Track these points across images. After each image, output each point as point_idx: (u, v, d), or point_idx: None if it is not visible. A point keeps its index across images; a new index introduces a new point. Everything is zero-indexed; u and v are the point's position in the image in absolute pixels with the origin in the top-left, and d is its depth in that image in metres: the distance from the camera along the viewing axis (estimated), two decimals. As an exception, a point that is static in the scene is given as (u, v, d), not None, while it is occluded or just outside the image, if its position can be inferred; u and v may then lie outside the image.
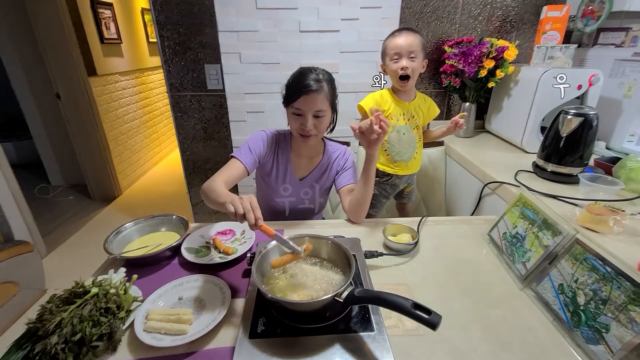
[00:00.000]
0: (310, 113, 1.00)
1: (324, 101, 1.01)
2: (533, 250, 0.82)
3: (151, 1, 1.63)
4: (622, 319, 0.60)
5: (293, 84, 1.01)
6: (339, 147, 1.23)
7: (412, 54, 1.19)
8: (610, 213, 0.85)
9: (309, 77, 0.98)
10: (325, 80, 1.01)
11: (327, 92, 1.01)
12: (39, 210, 2.59)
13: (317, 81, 0.98)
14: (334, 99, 1.06)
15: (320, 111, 1.01)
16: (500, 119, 1.74)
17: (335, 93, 1.06)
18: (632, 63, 1.37)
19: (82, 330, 0.61)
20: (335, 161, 1.20)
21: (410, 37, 1.19)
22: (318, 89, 0.98)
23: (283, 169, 1.16)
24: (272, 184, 1.18)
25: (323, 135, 1.16)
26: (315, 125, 1.03)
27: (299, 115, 1.02)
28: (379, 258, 0.89)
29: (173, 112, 1.85)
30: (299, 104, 1.00)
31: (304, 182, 1.19)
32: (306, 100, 0.99)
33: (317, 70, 1.02)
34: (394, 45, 1.21)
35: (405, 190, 1.49)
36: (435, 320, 0.51)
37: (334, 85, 1.05)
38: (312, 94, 0.97)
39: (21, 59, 2.78)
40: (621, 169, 1.10)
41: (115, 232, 0.95)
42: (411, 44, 1.18)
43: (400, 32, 1.21)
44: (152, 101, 3.95)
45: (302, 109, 1.00)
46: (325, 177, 1.20)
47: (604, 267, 0.66)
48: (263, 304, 0.70)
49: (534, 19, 1.76)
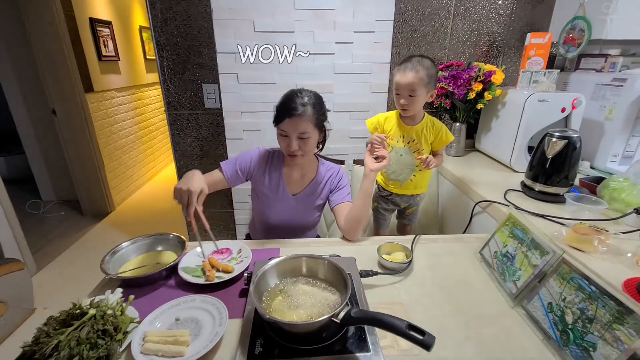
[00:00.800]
0: (294, 134, 1.06)
1: (307, 124, 1.06)
2: (523, 269, 0.85)
3: (151, 23, 1.68)
4: (607, 338, 0.62)
5: (280, 106, 1.07)
6: (332, 166, 1.26)
7: (412, 92, 1.20)
8: (594, 233, 0.89)
9: (295, 101, 1.04)
10: (311, 104, 1.06)
11: (311, 115, 1.06)
12: (29, 226, 2.56)
13: (303, 105, 1.04)
14: (321, 121, 1.11)
15: (304, 133, 1.06)
16: (489, 138, 1.79)
17: (322, 115, 1.11)
18: (612, 87, 1.45)
19: (79, 353, 0.61)
20: (329, 179, 1.23)
21: (410, 75, 1.18)
22: (302, 113, 1.03)
23: (275, 185, 1.19)
24: (266, 200, 1.21)
25: (314, 153, 1.21)
26: (300, 146, 1.08)
27: (285, 136, 1.08)
28: (374, 277, 0.91)
29: (170, 130, 1.87)
30: (284, 125, 1.06)
31: (297, 198, 1.21)
32: (290, 123, 1.04)
33: (303, 94, 1.07)
34: (396, 81, 1.23)
35: (406, 210, 1.51)
36: (429, 341, 0.53)
37: (321, 108, 1.10)
38: (295, 117, 1.03)
39: (17, 75, 2.80)
40: (604, 189, 1.14)
41: (111, 252, 0.95)
42: (410, 84, 1.19)
43: (404, 68, 1.20)
44: (148, 117, 3.97)
45: (286, 130, 1.06)
46: (318, 194, 1.23)
47: (589, 286, 0.69)
48: (261, 324, 0.71)
49: (519, 45, 1.85)
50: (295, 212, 1.23)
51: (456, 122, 1.82)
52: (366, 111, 1.88)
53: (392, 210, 1.50)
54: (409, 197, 1.46)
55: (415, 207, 1.50)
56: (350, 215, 1.11)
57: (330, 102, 1.87)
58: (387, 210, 1.49)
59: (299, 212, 1.23)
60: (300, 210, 1.23)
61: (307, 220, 1.26)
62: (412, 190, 1.42)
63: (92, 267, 0.87)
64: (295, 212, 1.23)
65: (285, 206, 1.21)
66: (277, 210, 1.22)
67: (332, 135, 1.98)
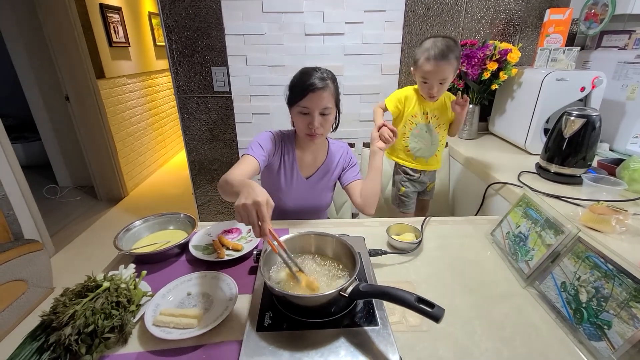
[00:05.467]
0: (317, 111, 1.02)
1: (330, 99, 1.03)
2: (536, 249, 0.83)
3: (160, 5, 1.67)
4: (623, 316, 0.60)
5: (298, 83, 1.03)
6: (341, 145, 1.25)
7: (443, 81, 1.19)
8: (613, 213, 0.86)
9: (314, 76, 1.00)
10: (330, 79, 1.03)
11: (333, 90, 1.03)
12: (47, 210, 2.63)
13: (322, 79, 1.00)
14: (338, 98, 1.09)
15: (326, 108, 1.03)
16: (503, 120, 1.74)
17: (338, 92, 1.08)
18: (635, 65, 1.38)
19: (94, 322, 0.63)
20: (340, 159, 1.22)
21: (442, 67, 1.14)
22: (324, 86, 1.00)
23: (290, 168, 1.18)
24: (280, 184, 1.19)
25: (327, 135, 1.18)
26: (322, 124, 1.04)
27: (305, 114, 1.03)
28: (383, 256, 0.90)
29: (180, 114, 1.88)
30: (305, 102, 1.01)
31: (310, 181, 1.21)
32: (313, 98, 1.00)
33: (321, 70, 1.04)
34: (424, 71, 1.18)
35: (428, 187, 1.51)
36: (439, 313, 0.53)
37: (337, 85, 1.07)
38: (319, 91, 0.99)
39: (31, 62, 2.84)
40: (624, 170, 1.10)
41: (124, 230, 0.97)
42: (442, 74, 1.16)
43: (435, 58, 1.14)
44: (159, 103, 4.00)
45: (309, 106, 1.02)
46: (330, 175, 1.22)
47: (605, 264, 0.67)
48: (270, 299, 0.71)
49: (537, 22, 1.77)
50: (309, 195, 1.22)
51: (469, 104, 1.77)
52: (376, 94, 1.84)
53: (418, 191, 1.50)
54: (432, 174, 1.47)
55: (434, 182, 1.52)
56: (366, 191, 1.13)
57: (340, 85, 1.83)
58: (415, 192, 1.48)
59: (313, 194, 1.23)
60: (314, 193, 1.23)
61: (321, 201, 1.26)
62: (436, 165, 1.43)
63: (107, 249, 0.88)
64: (309, 195, 1.22)
65: (299, 190, 1.20)
66: (292, 194, 1.20)
67: (342, 118, 1.97)
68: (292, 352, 0.59)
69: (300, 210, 1.23)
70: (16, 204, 1.96)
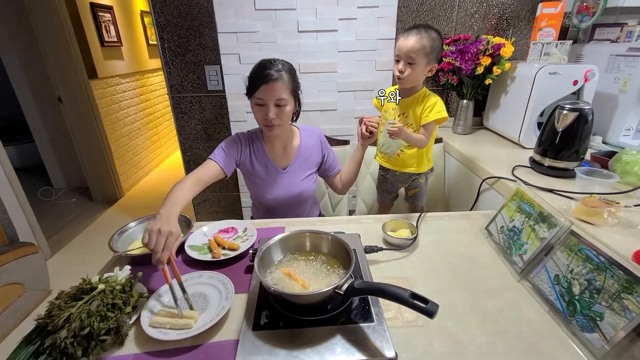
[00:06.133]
0: (271, 102, 1.04)
1: (284, 90, 1.05)
2: (530, 242, 0.84)
3: (151, 3, 1.65)
4: (615, 307, 0.61)
5: (254, 75, 1.05)
6: (312, 130, 1.29)
7: (411, 59, 1.10)
8: (605, 205, 0.87)
9: (269, 67, 1.03)
10: (285, 70, 1.05)
11: (287, 81, 1.05)
12: (42, 212, 2.61)
13: (277, 71, 1.03)
14: (296, 89, 1.11)
15: (281, 99, 1.05)
16: (497, 115, 1.75)
17: (296, 83, 1.11)
18: (627, 58, 1.39)
19: (90, 324, 0.63)
20: (315, 145, 1.26)
21: (412, 41, 1.10)
22: (278, 77, 1.02)
23: (263, 163, 1.20)
24: (259, 182, 1.22)
25: (290, 124, 1.21)
26: (277, 115, 1.06)
27: (261, 105, 1.06)
28: (379, 253, 0.91)
29: (174, 114, 1.86)
30: (260, 93, 1.04)
31: (288, 171, 1.22)
32: (267, 90, 1.03)
33: (277, 61, 1.06)
34: (397, 46, 1.15)
35: (409, 191, 1.48)
36: (432, 308, 0.53)
37: (294, 75, 1.10)
38: (272, 82, 1.01)
39: (22, 63, 2.80)
40: (617, 163, 1.11)
41: (119, 231, 0.97)
42: (411, 49, 1.09)
43: (408, 33, 1.12)
44: (153, 103, 3.97)
45: (263, 98, 1.04)
46: (308, 161, 1.25)
47: (597, 257, 0.68)
48: (265, 298, 0.72)
49: (530, 16, 1.77)
50: (290, 185, 1.23)
51: (463, 99, 1.77)
52: (370, 90, 1.84)
53: (392, 191, 1.48)
54: (405, 177, 1.39)
55: (417, 189, 1.44)
56: (345, 179, 1.33)
57: (334, 82, 1.83)
58: (384, 191, 1.47)
59: (294, 184, 1.24)
60: (294, 182, 1.24)
61: (304, 189, 1.26)
62: (401, 166, 1.30)
63: (104, 251, 0.88)
64: (289, 185, 1.23)
65: (278, 182, 1.22)
66: (272, 188, 1.22)
67: (336, 116, 1.96)
68: (288, 351, 0.60)
69: (285, 203, 1.25)
70: (10, 207, 1.94)
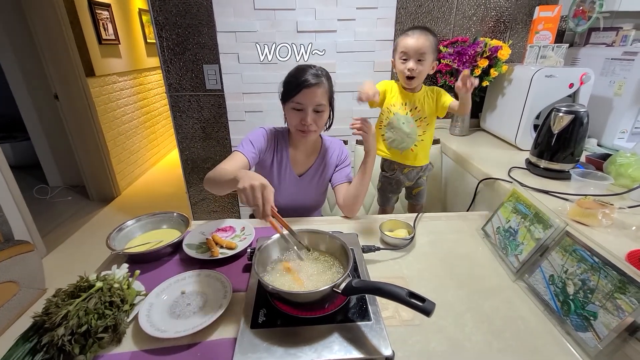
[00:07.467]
0: (310, 107, 1.03)
1: (323, 95, 1.03)
2: (525, 243, 0.85)
3: (150, 1, 1.64)
4: (609, 307, 0.62)
5: (292, 79, 1.03)
6: (335, 142, 1.25)
7: (421, 57, 1.17)
8: (599, 207, 0.88)
9: (309, 72, 1.01)
10: (324, 76, 1.04)
11: (327, 87, 1.04)
12: (37, 211, 2.59)
13: (317, 76, 1.01)
14: (332, 96, 1.09)
15: (320, 105, 1.03)
16: (494, 117, 1.76)
17: (332, 90, 1.09)
18: (622, 62, 1.41)
19: (87, 322, 0.63)
20: (333, 156, 1.22)
21: (422, 39, 1.16)
22: (318, 82, 1.00)
23: (282, 166, 1.18)
24: (272, 181, 1.19)
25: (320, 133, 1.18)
26: (315, 120, 1.05)
27: (299, 110, 1.04)
28: (376, 252, 0.91)
29: (172, 112, 1.86)
30: (299, 97, 1.01)
31: (303, 179, 1.21)
32: (306, 94, 1.01)
33: (316, 67, 1.05)
34: (403, 45, 1.19)
35: (413, 190, 1.50)
36: (429, 307, 0.54)
37: (331, 82, 1.08)
38: (313, 87, 1.00)
39: (19, 60, 2.78)
40: (611, 165, 1.12)
41: (117, 229, 0.96)
42: (421, 47, 1.16)
43: (413, 32, 1.18)
44: (150, 102, 3.96)
45: (302, 102, 1.02)
46: (323, 173, 1.22)
47: (592, 257, 0.69)
48: (264, 296, 0.72)
49: (527, 19, 1.79)
50: (301, 193, 1.22)
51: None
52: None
53: (397, 191, 1.49)
54: (414, 175, 1.42)
55: (421, 187, 1.47)
56: (349, 193, 1.13)
57: (333, 82, 1.83)
58: (391, 192, 1.48)
59: (305, 192, 1.23)
60: (306, 191, 1.23)
61: (313, 200, 1.26)
62: (413, 160, 1.35)
63: (100, 249, 0.88)
64: (301, 193, 1.22)
65: (291, 187, 1.20)
66: (284, 191, 1.20)
67: (335, 116, 1.96)
68: (286, 349, 0.60)
69: (292, 208, 1.23)
70: (5, 205, 1.93)
